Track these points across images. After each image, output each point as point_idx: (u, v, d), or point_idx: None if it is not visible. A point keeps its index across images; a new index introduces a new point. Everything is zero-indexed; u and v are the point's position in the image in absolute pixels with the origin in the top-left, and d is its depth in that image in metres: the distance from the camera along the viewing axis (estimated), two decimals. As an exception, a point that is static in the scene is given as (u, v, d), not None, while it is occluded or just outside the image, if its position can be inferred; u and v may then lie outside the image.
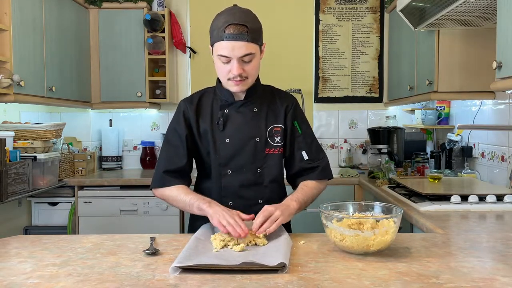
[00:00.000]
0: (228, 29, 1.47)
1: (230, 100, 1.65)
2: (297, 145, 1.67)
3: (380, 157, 3.20)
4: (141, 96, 3.43)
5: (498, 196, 2.04)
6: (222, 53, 1.49)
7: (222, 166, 1.63)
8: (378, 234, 1.22)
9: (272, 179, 1.66)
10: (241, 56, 1.49)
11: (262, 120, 1.65)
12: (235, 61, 1.50)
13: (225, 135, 1.63)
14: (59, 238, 1.49)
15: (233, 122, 1.63)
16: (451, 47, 2.55)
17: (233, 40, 1.47)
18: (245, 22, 1.48)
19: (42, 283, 1.06)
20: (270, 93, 1.71)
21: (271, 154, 1.65)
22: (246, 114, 1.64)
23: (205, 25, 3.76)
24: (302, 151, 1.66)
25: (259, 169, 1.64)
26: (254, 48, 1.51)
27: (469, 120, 2.88)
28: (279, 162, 1.66)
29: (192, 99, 1.69)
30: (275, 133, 1.65)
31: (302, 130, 1.68)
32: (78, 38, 3.28)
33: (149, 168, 3.76)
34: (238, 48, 1.48)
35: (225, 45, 1.48)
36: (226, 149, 1.62)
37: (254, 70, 1.57)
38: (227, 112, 1.64)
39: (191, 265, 1.11)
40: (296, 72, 3.78)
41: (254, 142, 1.63)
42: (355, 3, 3.74)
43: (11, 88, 2.45)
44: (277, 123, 1.66)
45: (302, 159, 1.66)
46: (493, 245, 1.39)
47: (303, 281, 1.04)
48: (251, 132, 1.63)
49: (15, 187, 2.58)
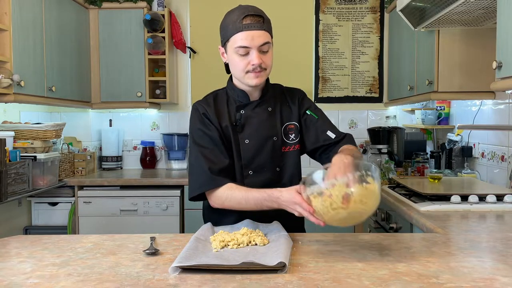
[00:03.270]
0: (245, 20, 1.49)
1: (245, 100, 1.64)
2: (320, 129, 1.65)
3: (380, 157, 3.20)
4: (141, 96, 3.43)
5: (498, 196, 2.03)
6: (242, 43, 1.49)
7: (244, 167, 1.62)
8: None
9: (291, 177, 1.65)
10: (260, 45, 1.51)
11: (277, 119, 1.66)
12: (254, 51, 1.51)
13: (244, 136, 1.62)
14: (59, 238, 1.49)
15: (250, 123, 1.63)
16: (451, 47, 2.55)
17: (252, 30, 1.49)
18: (260, 13, 1.53)
19: (42, 283, 1.06)
20: (280, 91, 1.72)
21: (288, 152, 1.65)
22: (262, 113, 1.64)
23: (205, 25, 3.80)
24: (327, 132, 1.64)
25: (278, 167, 1.64)
26: (270, 39, 1.55)
27: (469, 120, 2.88)
28: (296, 159, 1.67)
29: (208, 102, 1.64)
30: (290, 131, 1.66)
31: (318, 116, 1.68)
32: (78, 38, 3.28)
33: (149, 168, 3.76)
34: (258, 37, 1.49)
35: (244, 36, 1.49)
36: (247, 150, 1.61)
37: (271, 61, 1.58)
38: (243, 113, 1.63)
39: (191, 265, 1.11)
40: (296, 72, 3.78)
41: (272, 142, 1.63)
42: (355, 3, 3.74)
43: (11, 88, 2.45)
44: (290, 120, 1.67)
45: (330, 138, 1.63)
46: (493, 245, 1.39)
47: (303, 281, 1.04)
48: (268, 131, 1.63)
49: (15, 187, 2.58)
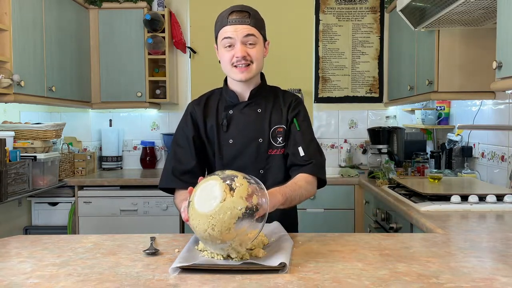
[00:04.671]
0: (231, 16, 1.54)
1: (234, 101, 1.65)
2: (294, 141, 1.63)
3: (380, 157, 3.20)
4: (141, 96, 3.43)
5: (498, 196, 2.04)
6: (225, 35, 1.54)
7: (225, 167, 1.61)
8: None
9: (276, 180, 1.60)
10: (244, 36, 1.53)
11: (266, 121, 1.65)
12: (238, 44, 1.53)
13: (229, 136, 1.63)
14: (59, 238, 1.49)
15: (236, 123, 1.64)
16: (451, 47, 2.55)
17: (236, 24, 1.53)
18: (247, 10, 1.56)
19: (42, 283, 1.06)
20: (275, 93, 1.71)
21: (274, 155, 1.64)
22: (250, 115, 1.64)
23: (205, 25, 3.80)
24: (298, 147, 1.61)
25: (261, 170, 1.63)
26: (257, 33, 1.56)
27: (469, 120, 2.88)
28: (282, 163, 1.64)
29: (200, 101, 1.70)
30: (278, 134, 1.64)
31: (301, 128, 1.64)
32: (78, 38, 3.28)
33: (149, 168, 3.76)
34: (241, 29, 1.53)
35: (228, 29, 1.54)
36: (229, 150, 1.62)
37: (259, 56, 1.58)
38: (231, 113, 1.65)
39: (191, 265, 1.11)
40: (296, 72, 3.78)
41: (257, 143, 1.62)
42: (355, 3, 3.74)
43: (11, 88, 2.45)
44: (280, 123, 1.65)
45: (298, 154, 1.60)
46: (493, 245, 1.39)
47: (303, 281, 1.04)
48: (254, 133, 1.63)
49: (15, 187, 2.58)
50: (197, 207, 1.14)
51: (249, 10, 1.56)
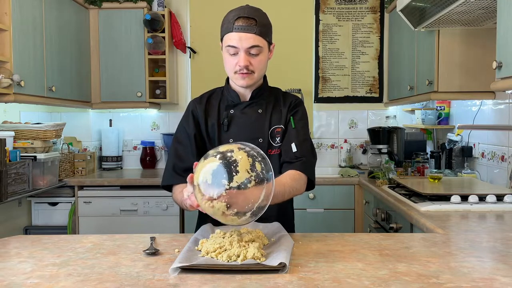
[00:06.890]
0: (237, 22, 1.51)
1: (236, 100, 1.66)
2: (288, 138, 1.63)
3: (380, 157, 3.20)
4: (141, 96, 3.43)
5: (498, 196, 2.04)
6: (230, 43, 1.53)
7: None
8: None
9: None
10: (248, 47, 1.52)
11: (266, 121, 1.65)
12: (242, 53, 1.53)
13: (229, 136, 1.63)
14: (59, 238, 1.49)
15: (237, 123, 1.64)
16: (451, 47, 2.55)
17: (242, 32, 1.51)
18: (254, 16, 1.53)
19: (42, 283, 1.06)
20: (276, 95, 1.71)
21: (273, 155, 1.64)
22: (251, 115, 1.65)
23: (205, 25, 3.80)
24: (291, 143, 1.61)
25: None
26: (262, 42, 1.54)
27: (469, 120, 2.88)
28: (280, 162, 1.65)
29: (201, 99, 1.71)
30: (277, 134, 1.65)
31: (296, 127, 1.64)
32: (78, 38, 3.28)
33: (149, 168, 3.76)
34: (246, 39, 1.51)
35: (233, 36, 1.52)
36: None
37: (261, 65, 1.58)
38: (232, 113, 1.65)
39: (191, 265, 1.11)
40: (296, 72, 3.78)
41: (257, 143, 1.62)
42: (355, 3, 3.74)
43: (11, 88, 2.45)
44: (279, 123, 1.66)
45: (290, 151, 1.60)
46: (493, 245, 1.39)
47: (303, 281, 1.04)
48: (254, 133, 1.63)
49: (15, 187, 2.58)
50: (205, 192, 1.17)
51: (256, 17, 1.53)
